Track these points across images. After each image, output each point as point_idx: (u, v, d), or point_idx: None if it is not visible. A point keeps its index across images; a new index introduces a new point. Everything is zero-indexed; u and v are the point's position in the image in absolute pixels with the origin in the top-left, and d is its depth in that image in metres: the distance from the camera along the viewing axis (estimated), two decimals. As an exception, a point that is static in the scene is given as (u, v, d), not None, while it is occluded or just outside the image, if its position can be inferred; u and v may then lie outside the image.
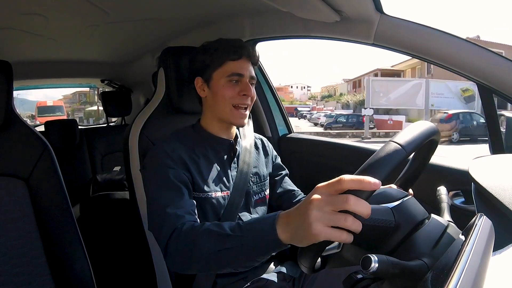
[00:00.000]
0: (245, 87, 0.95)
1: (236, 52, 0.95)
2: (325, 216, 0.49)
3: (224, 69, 0.95)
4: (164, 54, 1.13)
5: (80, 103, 20.61)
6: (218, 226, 0.67)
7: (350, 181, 0.49)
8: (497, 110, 0.95)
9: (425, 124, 0.62)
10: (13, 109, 0.96)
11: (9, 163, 0.93)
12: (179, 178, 0.88)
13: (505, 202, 0.54)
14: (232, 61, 0.95)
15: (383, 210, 0.60)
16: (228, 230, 0.65)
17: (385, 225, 0.58)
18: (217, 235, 0.66)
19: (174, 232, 0.73)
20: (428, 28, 0.94)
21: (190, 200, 0.85)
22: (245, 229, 0.64)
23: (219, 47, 0.95)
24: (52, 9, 1.28)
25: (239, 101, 0.95)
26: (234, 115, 0.96)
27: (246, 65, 0.97)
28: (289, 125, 1.67)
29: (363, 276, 0.55)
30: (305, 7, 1.06)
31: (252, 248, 0.62)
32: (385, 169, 0.52)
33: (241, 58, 0.95)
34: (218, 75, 0.96)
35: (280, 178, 1.15)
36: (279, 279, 0.97)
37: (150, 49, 2.01)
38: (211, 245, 0.66)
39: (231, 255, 0.64)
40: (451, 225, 0.62)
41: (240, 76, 0.95)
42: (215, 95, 0.96)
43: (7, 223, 0.90)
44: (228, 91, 0.95)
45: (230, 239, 0.64)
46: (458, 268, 0.38)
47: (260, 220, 0.63)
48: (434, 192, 0.78)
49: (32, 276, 0.91)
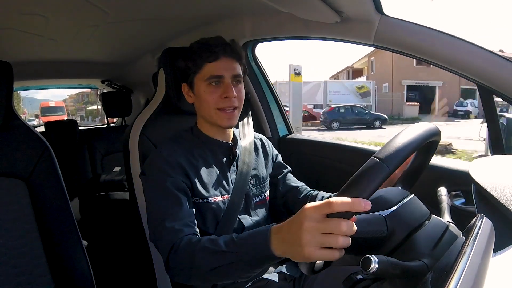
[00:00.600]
0: (226, 89, 0.91)
1: (213, 52, 0.91)
2: (316, 240, 0.52)
3: (202, 73, 0.92)
4: (164, 54, 1.13)
5: (83, 103, 22.15)
6: (213, 242, 0.70)
7: (340, 205, 0.50)
8: (497, 111, 0.95)
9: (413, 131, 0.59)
10: (13, 109, 0.96)
11: (9, 163, 0.93)
12: (178, 186, 0.87)
13: (506, 203, 0.54)
14: (210, 62, 0.91)
15: (375, 220, 0.59)
16: (223, 246, 0.67)
17: (377, 236, 0.58)
18: (213, 253, 0.69)
19: (172, 248, 0.76)
20: (428, 29, 0.94)
21: (188, 210, 0.85)
22: (239, 245, 0.66)
23: (196, 50, 0.92)
24: (52, 9, 1.28)
25: (223, 105, 0.92)
26: (220, 117, 0.93)
27: (227, 65, 0.92)
28: (289, 125, 1.67)
29: (363, 276, 0.55)
30: (305, 8, 1.06)
31: (247, 262, 0.64)
32: (366, 192, 0.51)
33: (219, 59, 0.91)
34: (198, 79, 0.93)
35: (282, 177, 1.14)
36: (279, 279, 0.97)
37: (150, 50, 2.01)
38: (208, 262, 0.69)
39: (228, 270, 0.67)
40: (451, 225, 0.62)
41: (220, 78, 0.92)
42: (200, 100, 0.94)
43: (7, 223, 0.90)
44: (210, 96, 0.92)
45: (225, 256, 0.66)
46: (458, 269, 0.38)
47: (254, 235, 0.65)
48: (434, 193, 0.78)
49: (32, 276, 0.91)
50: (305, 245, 0.52)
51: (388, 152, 0.54)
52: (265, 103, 1.61)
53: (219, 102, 0.92)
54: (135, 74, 2.52)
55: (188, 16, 1.45)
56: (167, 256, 0.76)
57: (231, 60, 0.93)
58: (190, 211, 0.85)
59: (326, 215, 0.52)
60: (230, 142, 1.02)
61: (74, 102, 22.46)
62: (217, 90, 0.92)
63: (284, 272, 1.00)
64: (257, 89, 1.58)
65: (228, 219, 0.95)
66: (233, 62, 0.94)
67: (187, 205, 0.86)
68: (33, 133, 0.98)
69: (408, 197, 0.65)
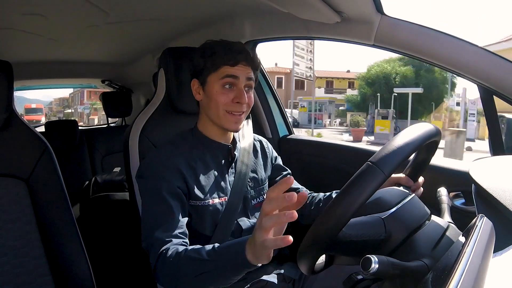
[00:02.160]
0: (239, 93, 0.92)
1: (234, 58, 0.92)
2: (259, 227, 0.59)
3: (219, 73, 0.92)
4: (164, 54, 1.13)
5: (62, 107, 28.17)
6: (197, 252, 0.74)
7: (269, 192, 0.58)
8: (497, 111, 0.94)
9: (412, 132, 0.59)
10: (13, 109, 0.96)
11: (9, 163, 0.93)
12: (173, 192, 0.88)
13: (506, 203, 0.54)
14: (229, 66, 0.92)
15: (373, 222, 0.59)
16: (205, 255, 0.72)
17: (375, 238, 0.58)
18: (196, 261, 0.73)
19: (159, 257, 0.79)
20: (429, 29, 0.94)
21: (180, 220, 0.86)
22: (219, 254, 0.71)
23: (217, 51, 0.92)
24: (52, 9, 1.29)
25: (233, 108, 0.92)
26: (227, 120, 0.93)
27: (243, 70, 0.93)
28: (290, 126, 1.67)
29: (363, 276, 0.55)
30: (305, 8, 1.06)
31: (226, 270, 0.70)
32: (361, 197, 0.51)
33: (237, 65, 0.92)
34: (212, 78, 0.93)
35: (281, 178, 1.15)
36: (279, 280, 0.97)
37: (151, 50, 2.01)
38: (191, 270, 0.73)
39: (210, 277, 0.72)
40: (451, 226, 0.62)
41: (235, 79, 0.92)
42: (209, 100, 0.94)
43: (7, 223, 0.90)
44: (222, 97, 0.92)
45: (207, 264, 0.72)
46: (459, 269, 0.38)
47: (232, 245, 0.71)
48: (435, 193, 0.78)
49: (32, 276, 0.91)
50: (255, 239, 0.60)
51: (384, 157, 0.53)
52: (265, 103, 1.61)
53: (230, 105, 0.92)
54: (135, 74, 2.52)
55: (188, 16, 1.45)
56: (155, 264, 0.80)
57: (247, 67, 0.94)
58: (182, 221, 0.86)
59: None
60: (229, 144, 1.02)
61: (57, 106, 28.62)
62: (230, 93, 0.92)
63: (283, 274, 1.00)
64: (257, 89, 1.57)
65: (226, 222, 0.95)
66: (250, 69, 0.95)
67: (179, 214, 0.86)
68: (33, 133, 0.98)
69: (408, 197, 0.65)
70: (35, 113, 18.40)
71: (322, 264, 0.65)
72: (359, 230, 0.58)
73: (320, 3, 0.97)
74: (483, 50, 0.88)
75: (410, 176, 0.85)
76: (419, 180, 0.85)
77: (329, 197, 1.08)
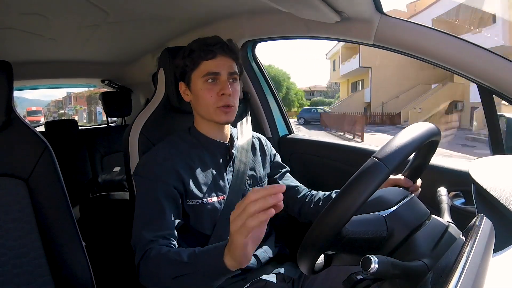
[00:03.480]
0: (223, 86, 0.93)
1: (210, 51, 0.93)
2: (241, 231, 0.58)
3: (199, 70, 0.94)
4: (164, 54, 1.13)
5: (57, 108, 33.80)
6: (178, 254, 0.74)
7: (251, 194, 0.58)
8: (497, 111, 0.94)
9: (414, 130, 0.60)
10: (13, 109, 0.96)
11: (9, 163, 0.93)
12: (168, 193, 0.88)
13: (506, 203, 0.54)
14: (207, 60, 0.93)
15: (375, 220, 0.59)
16: (185, 258, 0.72)
17: (377, 236, 0.58)
18: (176, 263, 0.73)
19: (143, 256, 0.79)
20: (429, 29, 0.94)
21: (170, 222, 0.86)
22: (199, 257, 0.71)
23: (193, 49, 0.94)
24: (52, 9, 1.28)
25: (221, 103, 0.93)
26: (218, 114, 0.95)
27: (224, 63, 0.94)
28: (289, 125, 1.67)
29: (363, 276, 0.55)
30: (305, 8, 1.06)
31: (204, 275, 0.69)
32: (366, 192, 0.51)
33: (216, 57, 0.93)
34: (195, 77, 0.95)
35: (280, 176, 1.14)
36: (278, 280, 0.97)
37: (150, 49, 2.01)
38: (170, 271, 0.73)
39: (188, 281, 0.71)
40: (451, 226, 0.62)
41: (216, 75, 0.93)
42: (197, 98, 0.96)
43: (7, 223, 0.90)
44: (208, 94, 0.93)
45: (186, 266, 0.71)
46: (458, 269, 0.38)
47: (211, 249, 0.70)
48: (435, 193, 0.78)
49: (32, 276, 0.91)
50: (234, 237, 0.60)
51: (388, 153, 0.54)
52: (265, 103, 1.61)
53: (218, 100, 0.93)
54: (135, 74, 2.52)
55: (188, 16, 1.45)
56: (138, 262, 0.80)
57: (227, 59, 0.95)
58: (172, 223, 0.86)
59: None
60: (227, 142, 1.02)
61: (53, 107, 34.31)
62: (214, 87, 0.94)
63: (283, 273, 1.00)
64: (257, 89, 1.57)
65: (225, 220, 0.95)
66: (230, 60, 0.96)
67: (171, 216, 0.87)
68: (33, 133, 0.98)
69: (408, 197, 0.65)
70: (35, 115, 22.42)
71: (322, 264, 0.65)
72: (361, 228, 0.58)
73: (320, 2, 0.97)
74: (483, 50, 0.88)
75: (408, 178, 0.85)
76: (417, 182, 0.85)
77: (328, 197, 1.08)
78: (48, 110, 32.33)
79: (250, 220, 0.57)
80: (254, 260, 0.99)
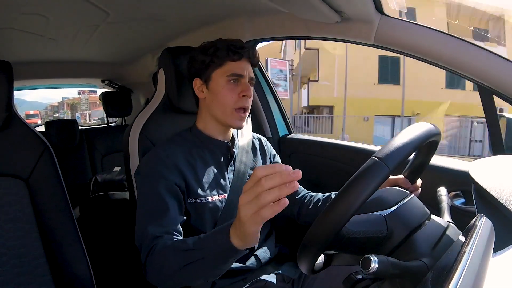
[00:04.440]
0: (245, 87, 0.94)
1: (237, 52, 0.94)
2: (249, 206, 0.54)
3: (224, 69, 0.94)
4: (164, 54, 1.13)
5: (53, 112, 36.65)
6: (183, 242, 0.73)
7: (262, 170, 0.53)
8: (497, 111, 0.94)
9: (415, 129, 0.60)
10: (13, 109, 0.96)
11: (9, 163, 0.93)
12: (170, 189, 0.88)
13: (505, 203, 0.54)
14: (233, 61, 0.94)
15: (375, 219, 0.59)
16: (191, 245, 0.71)
17: (377, 235, 0.58)
18: (182, 251, 0.72)
19: (149, 252, 0.78)
20: (429, 29, 0.94)
21: (174, 217, 0.86)
22: (204, 241, 0.70)
23: (220, 47, 0.95)
24: (52, 9, 1.28)
25: (241, 104, 0.94)
26: (234, 117, 0.95)
27: (246, 66, 0.96)
28: (289, 125, 1.67)
29: (363, 276, 0.55)
30: (305, 8, 1.06)
31: (213, 258, 0.68)
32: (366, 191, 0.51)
33: (241, 59, 0.95)
34: (217, 75, 0.95)
35: None
36: (278, 280, 0.97)
37: (150, 49, 2.01)
38: (177, 261, 0.72)
39: (197, 268, 0.70)
40: (451, 225, 0.62)
41: (240, 77, 0.94)
42: (215, 96, 0.96)
43: (7, 223, 0.90)
44: (229, 93, 0.94)
45: (193, 253, 0.70)
46: (458, 269, 0.38)
47: (216, 231, 0.69)
48: (434, 192, 0.78)
49: (32, 276, 0.91)
50: (242, 214, 0.56)
51: (388, 152, 0.54)
52: (265, 103, 1.61)
53: (237, 101, 0.94)
54: (135, 74, 2.52)
55: (188, 16, 1.45)
56: (145, 260, 0.79)
57: (248, 63, 0.97)
58: (176, 219, 0.86)
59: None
60: (228, 142, 1.02)
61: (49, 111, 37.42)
62: (236, 88, 0.94)
63: (283, 274, 1.00)
64: (257, 89, 1.57)
65: (226, 219, 0.95)
66: (250, 66, 0.98)
67: (175, 212, 0.86)
68: (33, 133, 0.98)
69: (407, 197, 0.65)
70: (33, 118, 24.15)
71: (322, 264, 0.65)
72: (361, 227, 0.58)
73: (320, 2, 0.97)
74: (483, 50, 0.88)
75: (408, 178, 0.85)
76: (417, 182, 0.85)
77: (328, 198, 1.08)
78: (46, 113, 34.99)
79: (265, 210, 0.53)
80: (254, 260, 0.99)
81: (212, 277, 0.73)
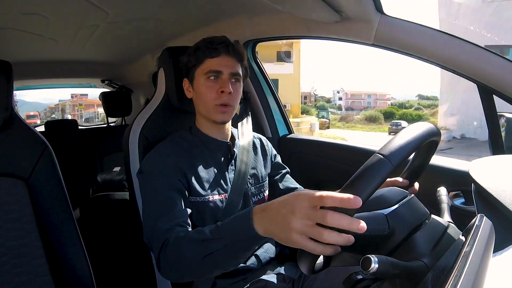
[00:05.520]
0: (223, 83, 0.94)
1: (215, 49, 0.94)
2: (304, 228, 0.52)
3: (203, 67, 0.96)
4: (164, 54, 1.13)
5: (51, 113, 40.64)
6: (199, 232, 0.70)
7: (330, 200, 0.50)
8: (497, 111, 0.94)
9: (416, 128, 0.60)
10: (13, 109, 0.96)
11: (9, 163, 0.93)
12: (174, 186, 0.88)
13: (506, 203, 0.54)
14: (211, 58, 0.95)
15: (377, 218, 0.59)
16: (208, 234, 0.67)
17: (378, 234, 0.58)
18: (199, 241, 0.68)
19: (163, 246, 0.76)
20: (429, 29, 0.94)
21: (182, 210, 0.86)
22: (223, 229, 0.66)
23: (200, 46, 0.96)
24: (52, 9, 1.28)
25: (220, 101, 0.94)
26: (215, 111, 0.96)
27: (227, 62, 0.95)
28: (289, 125, 1.67)
29: (363, 276, 0.55)
30: (305, 7, 1.06)
31: (234, 247, 0.64)
32: (370, 187, 0.51)
33: (219, 56, 0.95)
34: (198, 74, 0.97)
35: (280, 177, 1.15)
36: (278, 280, 0.97)
37: (150, 49, 2.01)
38: (195, 252, 0.68)
39: (216, 258, 0.66)
40: (451, 225, 0.62)
41: (219, 73, 0.95)
42: (199, 95, 0.97)
43: (7, 223, 0.90)
44: (208, 90, 0.95)
45: (211, 243, 0.66)
46: (458, 269, 0.38)
47: (236, 218, 0.65)
48: (434, 192, 0.78)
49: (32, 276, 0.91)
50: (293, 230, 0.52)
51: (392, 149, 0.54)
52: (265, 103, 1.61)
53: (217, 98, 0.94)
54: (135, 74, 2.52)
55: (188, 16, 1.45)
56: (158, 254, 0.77)
57: (231, 59, 0.96)
58: (184, 211, 0.86)
59: (319, 207, 0.51)
60: (228, 141, 1.02)
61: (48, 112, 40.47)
62: (215, 85, 0.95)
63: (283, 274, 1.00)
64: (257, 89, 1.57)
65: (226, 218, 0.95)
66: (234, 61, 0.97)
67: (181, 205, 0.86)
68: (33, 133, 0.98)
69: (407, 197, 0.65)
70: (32, 118, 26.23)
71: (322, 264, 0.65)
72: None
73: (320, 2, 0.97)
74: (482, 50, 0.88)
75: (408, 179, 0.85)
76: (415, 185, 0.85)
77: None
78: (45, 114, 38.15)
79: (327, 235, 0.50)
80: (254, 260, 0.99)
81: (233, 266, 0.69)
